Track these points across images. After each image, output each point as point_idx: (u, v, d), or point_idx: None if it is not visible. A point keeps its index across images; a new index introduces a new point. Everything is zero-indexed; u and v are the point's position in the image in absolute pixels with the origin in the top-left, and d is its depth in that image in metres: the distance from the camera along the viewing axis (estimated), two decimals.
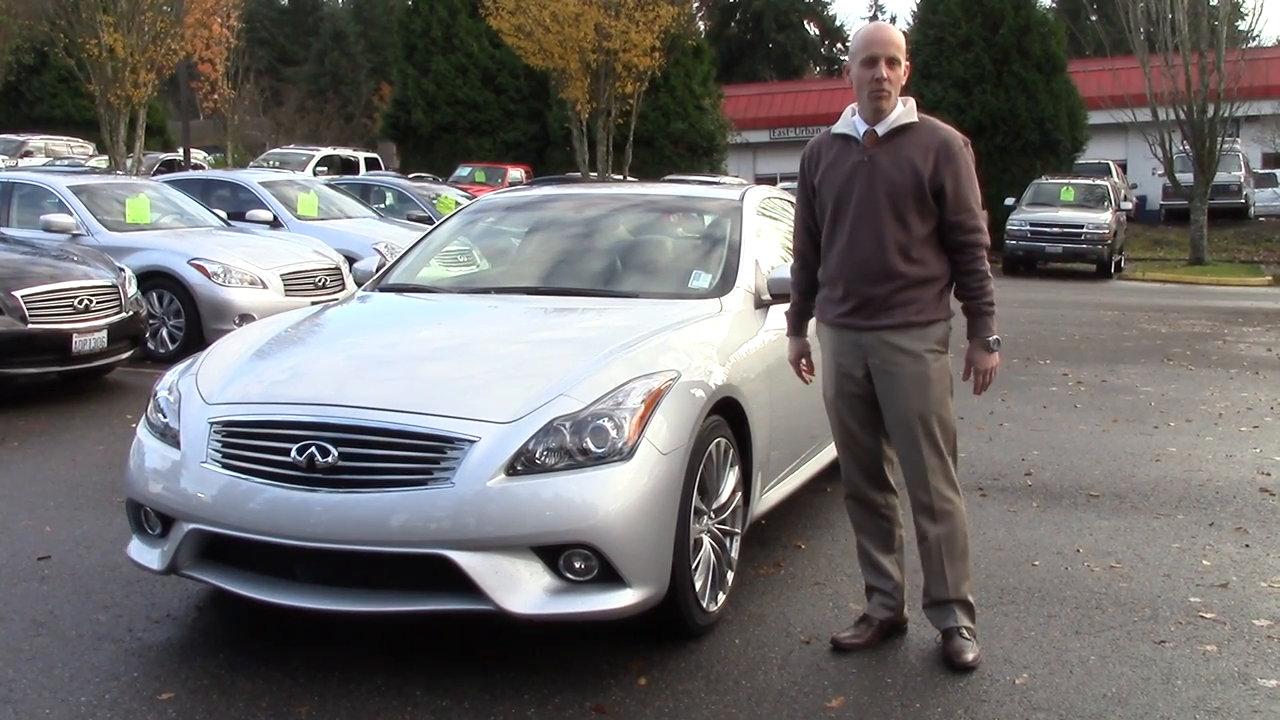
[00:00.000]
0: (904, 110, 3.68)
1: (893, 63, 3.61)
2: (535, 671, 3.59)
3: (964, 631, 3.73)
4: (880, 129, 3.66)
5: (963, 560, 3.75)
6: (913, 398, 3.66)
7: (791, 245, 4.04)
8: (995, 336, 3.69)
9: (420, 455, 3.43)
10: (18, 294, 7.53)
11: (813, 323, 4.03)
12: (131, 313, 8.27)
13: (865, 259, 3.65)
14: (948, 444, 3.72)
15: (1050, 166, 27.86)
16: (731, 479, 4.01)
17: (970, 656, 3.67)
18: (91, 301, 7.91)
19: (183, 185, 12.49)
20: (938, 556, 3.73)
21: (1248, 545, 5.04)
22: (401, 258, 5.35)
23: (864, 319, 3.68)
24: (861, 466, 3.87)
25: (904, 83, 3.68)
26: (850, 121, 3.74)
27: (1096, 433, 7.38)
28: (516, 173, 28.03)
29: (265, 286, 9.74)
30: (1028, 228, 22.20)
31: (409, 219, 15.31)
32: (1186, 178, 25.35)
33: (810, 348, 4.04)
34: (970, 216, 3.65)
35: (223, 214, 11.64)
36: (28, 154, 25.31)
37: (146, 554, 3.83)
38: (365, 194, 16.57)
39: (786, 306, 4.10)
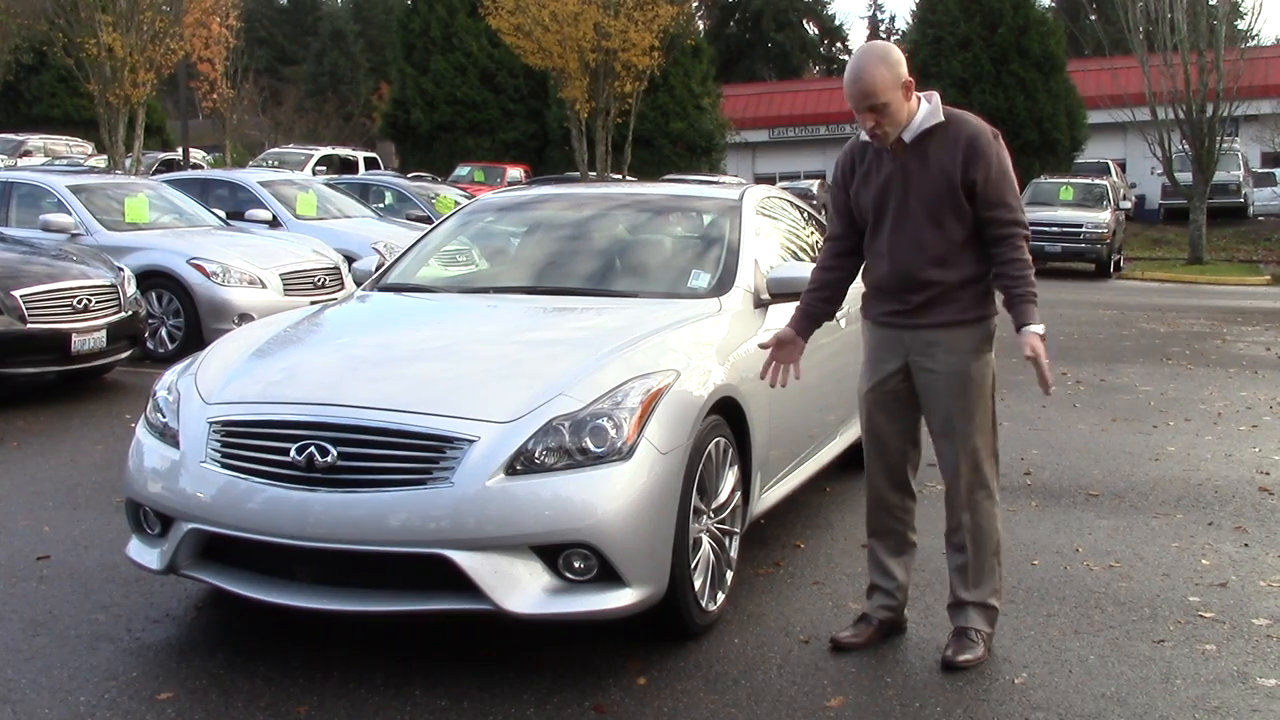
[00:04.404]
0: (929, 111, 3.58)
1: (878, 109, 3.49)
2: (534, 671, 3.59)
3: (973, 634, 3.70)
4: (906, 136, 3.58)
5: (992, 562, 3.72)
6: (953, 396, 3.63)
7: (808, 244, 3.99)
8: (1042, 324, 3.52)
9: (419, 455, 3.43)
10: (16, 294, 7.53)
11: (831, 325, 3.96)
12: (130, 312, 8.27)
13: (904, 269, 3.61)
14: (986, 445, 3.67)
15: (1049, 166, 27.90)
16: (731, 478, 4.01)
17: (966, 656, 3.64)
18: (90, 301, 7.90)
19: (181, 185, 12.47)
20: (966, 556, 3.71)
21: (1247, 544, 5.04)
22: (400, 257, 5.35)
23: (908, 320, 3.65)
24: (885, 466, 3.82)
25: (909, 96, 3.52)
26: None
27: (1095, 432, 7.39)
28: (515, 172, 28.06)
29: (264, 286, 9.73)
30: None
31: (408, 218, 15.30)
32: (1185, 177, 25.35)
33: (802, 350, 3.86)
34: (1005, 210, 3.56)
35: (222, 213, 11.63)
36: (27, 153, 25.32)
37: (145, 554, 3.82)
38: (364, 193, 16.57)
39: (786, 306, 4.06)
